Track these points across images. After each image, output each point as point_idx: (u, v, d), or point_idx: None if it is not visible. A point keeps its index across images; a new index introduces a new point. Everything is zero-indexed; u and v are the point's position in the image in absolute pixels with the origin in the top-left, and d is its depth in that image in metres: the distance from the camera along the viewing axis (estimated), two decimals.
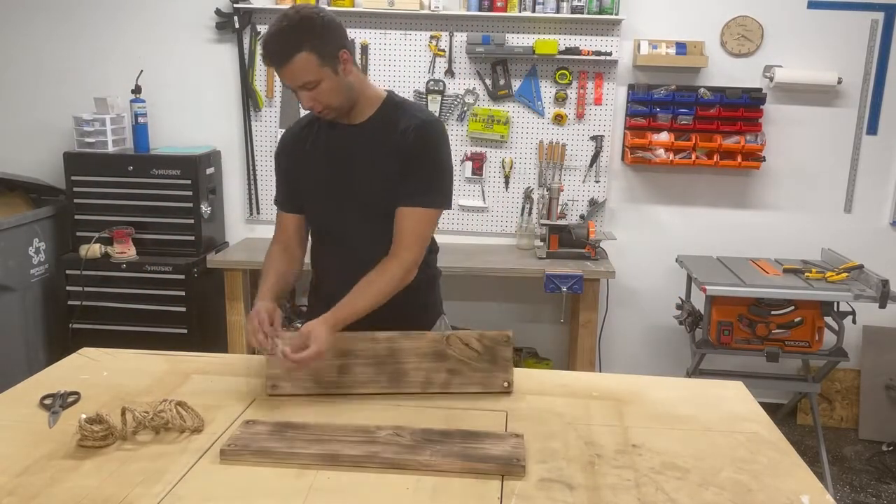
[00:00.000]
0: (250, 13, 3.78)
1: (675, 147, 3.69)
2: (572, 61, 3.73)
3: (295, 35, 1.71)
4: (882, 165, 3.78)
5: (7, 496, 1.33)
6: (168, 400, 1.64)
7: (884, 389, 3.84)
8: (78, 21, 3.89)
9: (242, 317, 3.64)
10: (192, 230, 3.71)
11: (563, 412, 1.72)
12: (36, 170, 3.93)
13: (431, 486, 1.39)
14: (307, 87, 1.76)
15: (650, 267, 3.92)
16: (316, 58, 1.73)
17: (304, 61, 1.72)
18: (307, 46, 1.71)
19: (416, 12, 3.65)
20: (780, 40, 3.69)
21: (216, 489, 1.38)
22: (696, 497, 1.38)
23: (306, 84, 1.75)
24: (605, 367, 3.95)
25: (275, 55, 1.74)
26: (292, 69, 1.73)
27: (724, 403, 1.80)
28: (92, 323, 3.66)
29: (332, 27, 1.77)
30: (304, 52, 1.71)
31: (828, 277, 3.24)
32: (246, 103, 3.89)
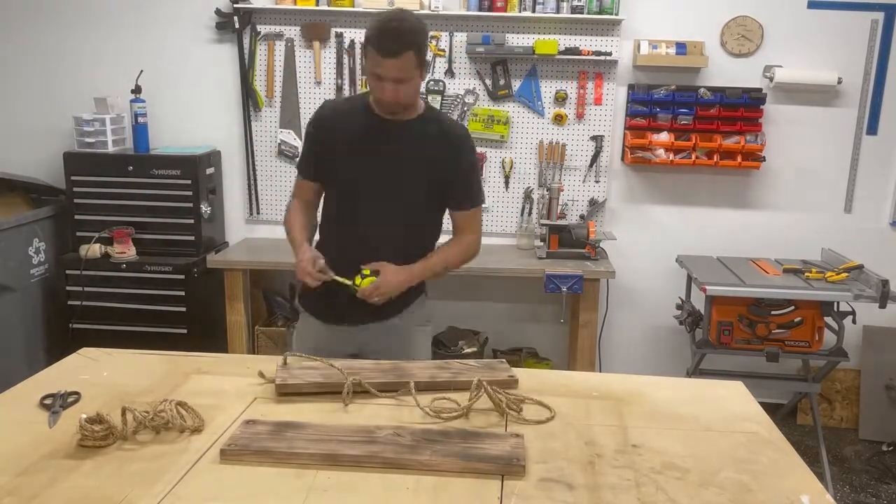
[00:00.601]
0: (250, 13, 3.78)
1: (675, 147, 3.69)
2: (572, 61, 3.73)
3: (411, 35, 1.95)
4: (882, 165, 3.78)
5: (7, 496, 1.33)
6: (168, 400, 1.64)
7: (884, 389, 3.84)
8: (78, 21, 3.89)
9: (242, 317, 3.64)
10: (192, 230, 3.71)
11: (563, 412, 1.72)
12: (36, 170, 3.93)
13: (431, 486, 1.39)
14: (400, 81, 1.95)
15: (650, 267, 3.91)
16: (417, 59, 1.97)
17: (411, 59, 1.94)
18: (417, 47, 1.95)
19: (416, 12, 3.64)
20: (780, 40, 3.69)
21: (216, 489, 1.38)
22: (696, 497, 1.38)
23: (403, 79, 1.95)
24: (605, 367, 3.95)
25: (394, 45, 1.92)
26: (400, 63, 1.93)
27: (724, 403, 1.80)
28: (92, 323, 3.66)
29: (427, 36, 2.04)
30: (413, 50, 1.94)
31: (828, 277, 3.24)
32: (246, 103, 3.89)
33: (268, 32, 3.81)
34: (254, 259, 3.68)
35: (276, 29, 3.80)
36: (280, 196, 3.99)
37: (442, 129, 2.12)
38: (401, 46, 1.92)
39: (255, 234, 4.04)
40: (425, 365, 1.95)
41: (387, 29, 1.93)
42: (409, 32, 1.95)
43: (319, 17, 3.78)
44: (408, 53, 1.93)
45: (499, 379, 1.85)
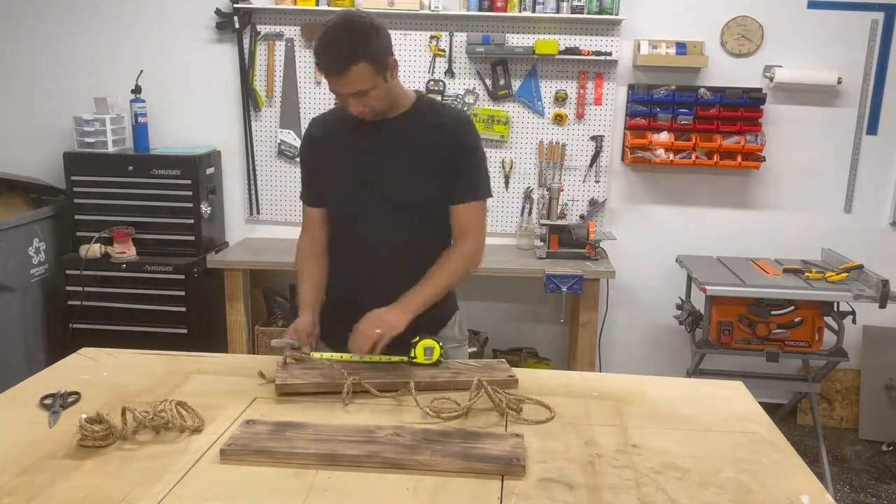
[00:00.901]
0: (250, 13, 3.78)
1: (675, 147, 3.69)
2: (572, 61, 3.73)
3: (354, 45, 1.75)
4: (882, 165, 3.78)
5: (7, 496, 1.33)
6: (168, 400, 1.64)
7: (884, 389, 3.84)
8: (78, 21, 3.89)
9: (242, 317, 3.64)
10: (192, 230, 3.71)
11: (563, 412, 1.72)
12: (36, 170, 3.93)
13: (431, 486, 1.39)
14: (359, 94, 1.80)
15: (650, 267, 3.91)
16: (371, 67, 1.76)
17: (361, 71, 1.75)
18: (364, 57, 1.75)
19: (416, 12, 3.65)
20: (780, 40, 3.69)
21: (216, 489, 1.38)
22: (696, 497, 1.38)
23: (360, 92, 1.79)
24: (605, 367, 3.95)
25: (333, 65, 1.76)
26: (349, 79, 1.76)
27: (724, 403, 1.80)
28: (92, 323, 3.66)
29: (382, 35, 1.80)
30: (361, 62, 1.74)
31: (828, 277, 3.24)
32: (246, 103, 3.89)
33: (268, 32, 3.81)
34: (254, 259, 3.68)
35: (276, 29, 3.81)
36: (280, 196, 3.99)
37: (436, 119, 1.94)
38: (344, 63, 1.74)
39: (255, 234, 4.04)
40: None
41: (327, 44, 1.76)
42: (351, 44, 1.74)
43: (319, 17, 3.78)
44: (358, 66, 1.74)
45: (499, 379, 1.85)
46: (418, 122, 1.94)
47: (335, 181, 1.99)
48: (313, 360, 1.90)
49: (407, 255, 1.97)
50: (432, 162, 1.92)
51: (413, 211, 1.96)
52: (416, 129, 1.93)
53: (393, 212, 1.95)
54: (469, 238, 1.98)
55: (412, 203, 1.95)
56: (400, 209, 1.95)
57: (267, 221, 4.02)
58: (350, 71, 1.74)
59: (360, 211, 1.97)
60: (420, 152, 1.92)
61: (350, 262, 2.02)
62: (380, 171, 1.94)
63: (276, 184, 3.99)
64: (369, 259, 1.98)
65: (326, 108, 3.86)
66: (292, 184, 3.97)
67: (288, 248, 3.93)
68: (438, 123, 1.93)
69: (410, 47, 3.78)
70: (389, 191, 1.94)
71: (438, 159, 1.91)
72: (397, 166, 1.93)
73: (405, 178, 1.93)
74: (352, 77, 1.76)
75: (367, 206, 1.96)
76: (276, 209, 4.01)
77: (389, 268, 1.97)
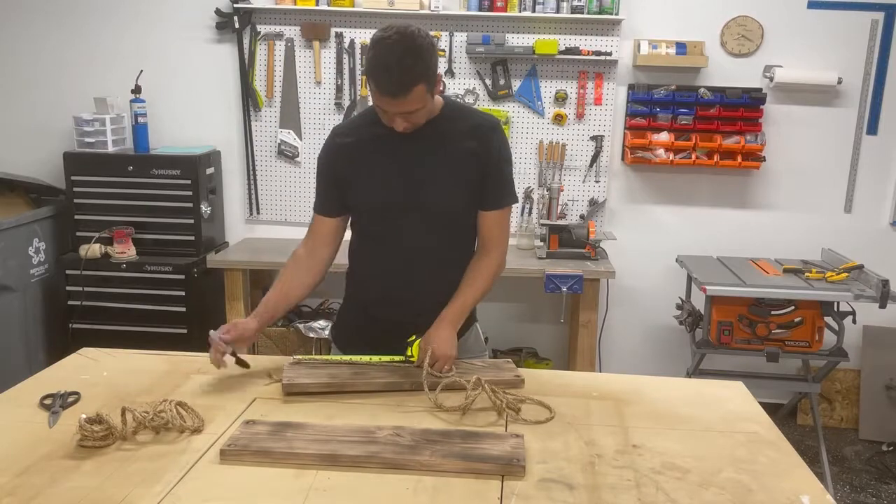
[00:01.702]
0: (250, 13, 3.78)
1: (675, 147, 3.69)
2: (572, 61, 3.73)
3: (416, 68, 1.69)
4: (882, 165, 3.78)
5: (7, 496, 1.33)
6: (168, 400, 1.64)
7: (884, 389, 3.84)
8: (78, 21, 3.89)
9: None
10: (192, 230, 3.71)
11: (563, 412, 1.72)
12: (36, 170, 3.93)
13: (431, 486, 1.39)
14: (411, 113, 1.76)
15: (650, 267, 3.92)
16: (426, 88, 1.73)
17: (418, 93, 1.72)
18: (423, 79, 1.71)
19: (416, 12, 3.65)
20: (780, 40, 3.69)
21: (216, 489, 1.38)
22: (696, 497, 1.38)
23: (413, 111, 1.75)
24: (605, 367, 3.95)
25: (396, 87, 1.69)
26: (406, 101, 1.72)
27: (724, 403, 1.80)
28: (92, 323, 3.66)
29: (436, 53, 1.77)
30: (420, 84, 1.70)
31: (828, 277, 3.24)
32: (246, 103, 3.89)
33: (268, 32, 3.81)
34: (254, 259, 3.68)
35: (276, 29, 3.81)
36: (280, 196, 3.99)
37: (468, 124, 1.91)
38: (407, 86, 1.69)
39: (255, 234, 4.04)
40: None
41: (390, 67, 1.67)
42: (415, 68, 1.68)
43: (319, 17, 3.78)
44: (415, 89, 1.70)
45: (505, 379, 1.85)
46: (451, 128, 1.90)
47: (367, 190, 1.93)
48: (319, 360, 1.90)
49: (434, 260, 1.95)
50: (466, 168, 1.89)
51: (444, 218, 1.93)
52: (449, 135, 1.90)
53: (424, 219, 1.91)
54: (497, 245, 1.98)
55: (444, 211, 1.92)
56: (431, 217, 1.92)
57: (267, 221, 4.02)
58: (410, 94, 1.70)
59: (392, 219, 1.93)
60: (454, 159, 1.89)
61: (377, 269, 1.99)
62: (414, 180, 1.89)
63: (276, 184, 3.99)
64: (398, 266, 1.95)
65: (326, 107, 3.88)
66: (292, 184, 3.97)
67: (288, 247, 3.93)
68: (469, 131, 1.90)
69: None
70: (423, 199, 1.90)
71: (472, 166, 1.89)
72: (432, 174, 1.90)
73: (439, 187, 1.90)
74: (409, 99, 1.72)
75: (399, 214, 1.92)
76: (276, 209, 4.01)
77: (417, 274, 1.95)
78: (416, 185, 1.89)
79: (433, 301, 1.93)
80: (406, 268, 1.95)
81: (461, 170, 1.89)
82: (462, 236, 2.00)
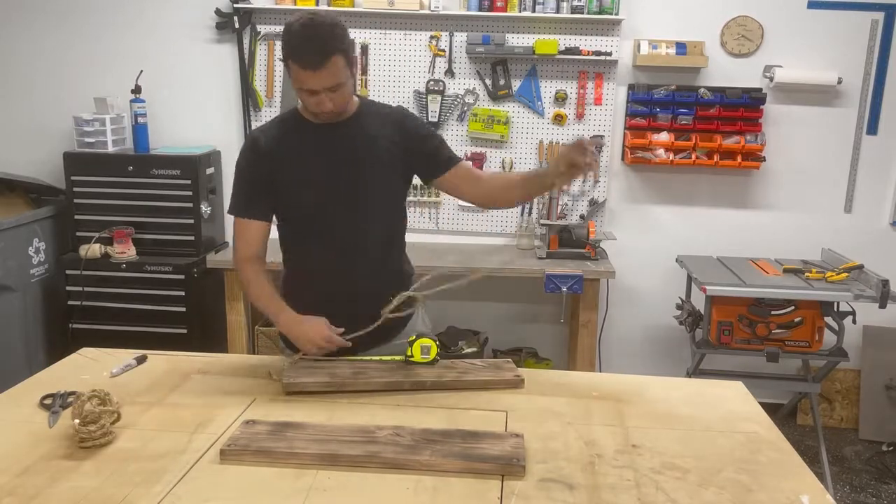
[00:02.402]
0: (250, 13, 3.78)
1: (675, 147, 3.69)
2: (572, 61, 3.73)
3: (330, 39, 1.78)
4: (882, 165, 3.78)
5: (7, 496, 1.33)
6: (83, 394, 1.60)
7: (884, 389, 3.84)
8: (78, 21, 3.89)
9: (242, 317, 3.64)
10: (192, 230, 3.71)
11: (563, 412, 1.72)
12: (36, 170, 3.93)
13: (431, 486, 1.39)
14: (333, 89, 1.82)
15: (650, 267, 3.91)
16: (344, 60, 1.81)
17: (338, 63, 1.79)
18: (340, 49, 1.79)
19: (416, 12, 3.65)
20: (780, 40, 3.69)
21: (216, 489, 1.38)
22: (696, 497, 1.38)
23: (335, 86, 1.82)
24: (605, 367, 3.95)
25: (312, 57, 1.77)
26: (329, 71, 1.78)
27: (724, 403, 1.80)
28: (92, 323, 3.66)
29: (346, 33, 1.85)
30: (338, 54, 1.79)
31: (828, 277, 3.24)
32: (246, 103, 3.89)
33: (268, 32, 3.81)
34: None
35: (276, 29, 3.80)
36: None
37: (383, 115, 2.01)
38: (326, 54, 1.77)
39: None
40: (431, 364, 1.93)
41: (304, 39, 1.78)
42: (329, 37, 1.78)
43: None
44: (334, 59, 1.78)
45: (505, 378, 1.85)
46: (370, 120, 1.99)
47: (298, 189, 1.96)
48: (319, 360, 1.90)
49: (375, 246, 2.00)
50: (393, 154, 1.97)
51: (378, 205, 1.99)
52: (370, 126, 1.98)
53: (361, 209, 1.96)
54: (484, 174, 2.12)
55: (378, 197, 1.99)
56: (366, 206, 1.97)
57: None
58: (330, 62, 1.77)
59: (328, 214, 1.96)
60: (379, 148, 1.96)
61: (320, 264, 2.00)
62: (340, 174, 1.94)
63: None
64: (341, 257, 1.97)
65: None
66: None
67: None
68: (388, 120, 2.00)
69: (410, 47, 3.78)
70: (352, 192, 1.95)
71: (400, 149, 1.98)
72: (358, 166, 1.95)
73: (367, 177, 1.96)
74: (330, 70, 1.78)
75: (335, 207, 1.95)
76: None
77: (360, 262, 1.98)
78: (339, 180, 1.95)
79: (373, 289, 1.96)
80: (348, 257, 1.97)
81: (388, 156, 1.97)
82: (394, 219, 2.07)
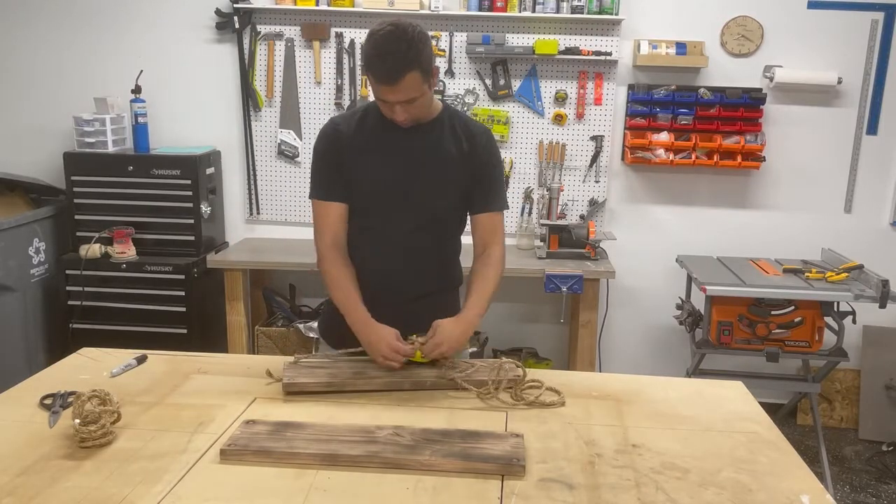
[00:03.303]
0: (250, 13, 3.78)
1: (675, 147, 3.69)
2: (572, 61, 3.73)
3: (409, 54, 1.75)
4: (882, 165, 3.78)
5: (7, 496, 1.33)
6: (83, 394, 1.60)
7: (884, 389, 3.84)
8: (78, 21, 3.89)
9: (242, 317, 3.64)
10: (192, 230, 3.71)
11: (563, 412, 1.72)
12: (36, 170, 3.93)
13: (431, 486, 1.39)
14: (408, 103, 1.81)
15: (650, 267, 3.91)
16: (421, 76, 1.79)
17: (413, 79, 1.77)
18: (416, 65, 1.76)
19: (416, 12, 3.65)
20: (780, 40, 3.69)
21: (216, 489, 1.38)
22: (696, 497, 1.38)
23: (410, 100, 1.81)
24: (605, 367, 3.95)
25: (388, 74, 1.76)
26: (402, 87, 1.77)
27: (724, 403, 1.80)
28: (92, 323, 3.66)
29: (429, 44, 1.82)
30: (414, 70, 1.76)
31: (828, 277, 3.24)
32: (246, 103, 3.89)
33: (268, 32, 3.81)
34: (254, 259, 3.68)
35: (276, 29, 3.80)
36: (280, 196, 3.99)
37: (462, 128, 1.98)
38: (400, 72, 1.75)
39: (255, 234, 4.04)
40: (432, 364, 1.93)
41: (382, 55, 1.75)
42: (407, 54, 1.75)
43: (319, 18, 3.78)
44: (409, 76, 1.76)
45: (508, 378, 1.86)
46: (449, 131, 1.97)
47: (364, 181, 1.96)
48: (319, 360, 1.90)
49: (424, 257, 2.00)
50: (461, 171, 1.96)
51: (435, 216, 1.99)
52: (447, 137, 1.96)
53: (417, 217, 1.96)
54: (498, 247, 2.03)
55: (436, 209, 1.98)
56: (424, 215, 1.97)
57: (267, 221, 4.02)
58: (404, 79, 1.76)
59: (386, 214, 1.97)
60: (451, 161, 1.95)
61: (367, 263, 2.00)
62: (410, 178, 1.95)
63: (276, 184, 3.99)
64: (388, 260, 1.98)
65: (326, 107, 3.88)
66: (292, 184, 3.97)
67: (288, 247, 3.93)
68: (466, 134, 1.97)
69: None
70: (417, 197, 1.95)
71: (468, 169, 1.96)
72: (428, 173, 1.95)
73: (434, 186, 1.96)
74: (404, 86, 1.77)
75: (393, 209, 1.96)
76: (276, 209, 4.00)
77: (406, 270, 1.98)
78: (407, 183, 1.94)
79: (419, 298, 1.99)
80: (393, 264, 1.98)
81: (456, 171, 1.96)
82: (447, 234, 2.06)
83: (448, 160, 1.95)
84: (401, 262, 1.98)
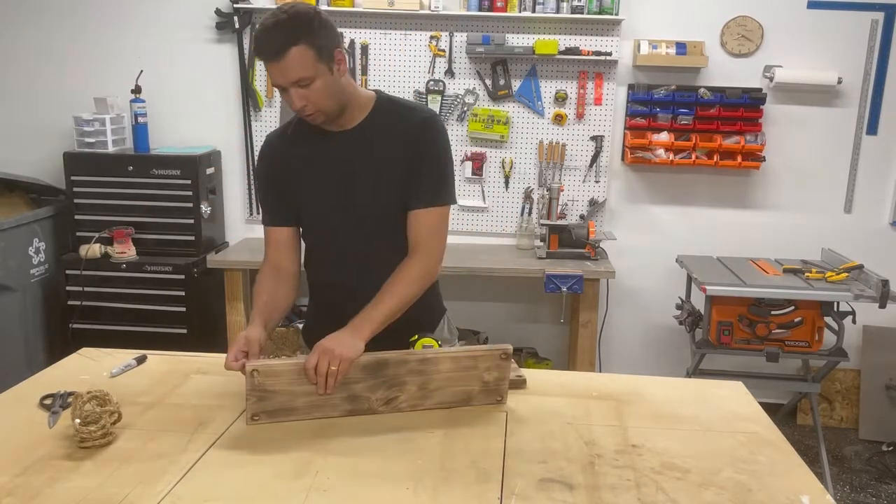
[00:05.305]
0: (250, 13, 3.78)
1: (675, 147, 3.69)
2: (572, 61, 3.73)
3: (291, 29, 1.64)
4: (882, 165, 3.78)
5: (7, 496, 1.33)
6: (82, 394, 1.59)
7: (884, 389, 3.84)
8: (78, 21, 3.89)
9: (242, 317, 3.64)
10: (192, 230, 3.71)
11: (563, 412, 1.72)
12: (36, 170, 3.93)
13: (431, 486, 1.39)
14: (300, 85, 1.67)
15: (650, 267, 3.92)
16: (312, 53, 1.65)
17: (300, 55, 1.64)
18: (303, 40, 1.64)
19: (416, 12, 3.65)
20: (780, 40, 3.69)
21: (216, 489, 1.38)
22: (696, 497, 1.38)
23: (300, 80, 1.67)
24: (605, 367, 3.95)
25: (270, 47, 1.65)
26: (287, 63, 1.64)
27: (724, 403, 1.80)
28: (92, 323, 3.66)
29: (327, 25, 1.71)
30: (300, 45, 1.64)
31: (828, 277, 3.24)
32: (246, 103, 3.89)
33: None
34: (254, 259, 3.65)
35: None
36: None
37: (399, 122, 1.82)
38: (282, 44, 1.63)
39: (255, 234, 4.04)
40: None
41: (264, 27, 1.65)
42: (293, 25, 1.64)
43: None
44: (296, 49, 1.63)
45: None
46: (382, 128, 1.83)
47: (305, 200, 1.88)
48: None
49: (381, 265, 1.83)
50: (397, 170, 1.81)
51: (384, 222, 1.85)
52: (382, 135, 1.82)
53: (364, 226, 1.85)
54: (423, 250, 1.81)
55: (384, 216, 1.84)
56: (370, 223, 1.85)
57: None
58: (287, 54, 1.63)
59: (332, 228, 1.88)
60: (385, 162, 1.81)
61: (326, 274, 1.94)
62: (347, 189, 1.84)
63: None
64: (344, 269, 1.90)
65: None
66: None
67: None
68: (402, 128, 1.81)
69: (410, 47, 3.78)
70: (366, 206, 1.84)
71: (402, 166, 1.81)
72: (365, 180, 1.82)
73: (373, 192, 1.83)
74: (291, 62, 1.64)
75: (337, 222, 1.87)
76: None
77: (364, 281, 1.84)
78: (345, 196, 1.83)
79: None
80: (349, 269, 1.88)
81: (392, 171, 1.81)
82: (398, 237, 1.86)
83: (383, 161, 1.81)
84: (355, 274, 1.87)
